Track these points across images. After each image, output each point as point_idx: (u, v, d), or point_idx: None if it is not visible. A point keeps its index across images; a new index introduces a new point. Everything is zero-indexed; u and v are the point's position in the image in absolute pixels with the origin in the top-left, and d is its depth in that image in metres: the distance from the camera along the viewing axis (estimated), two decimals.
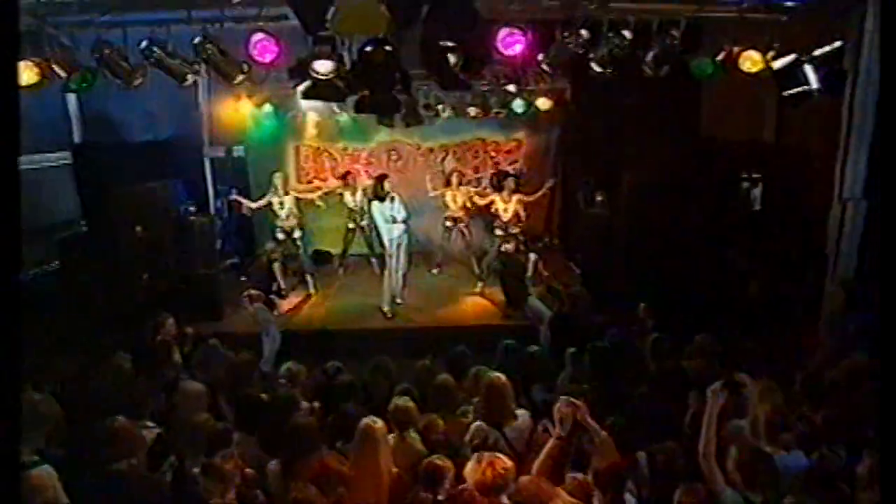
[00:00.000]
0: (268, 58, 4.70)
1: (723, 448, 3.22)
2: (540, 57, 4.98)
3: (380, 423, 3.53)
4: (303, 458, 3.41)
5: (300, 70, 4.74)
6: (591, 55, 4.96)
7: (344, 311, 8.62)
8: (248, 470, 3.49)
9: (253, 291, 7.10)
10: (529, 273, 8.61)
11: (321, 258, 10.72)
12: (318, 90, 4.82)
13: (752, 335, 5.68)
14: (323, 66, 4.69)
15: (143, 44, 4.79)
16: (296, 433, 3.51)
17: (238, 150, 10.72)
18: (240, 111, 10.21)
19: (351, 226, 9.91)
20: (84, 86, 4.77)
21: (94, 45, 4.77)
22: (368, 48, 4.54)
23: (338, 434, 3.77)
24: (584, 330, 5.95)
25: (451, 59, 4.86)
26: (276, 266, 7.12)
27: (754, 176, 8.14)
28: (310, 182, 11.24)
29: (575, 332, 6.01)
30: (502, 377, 3.93)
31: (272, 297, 7.21)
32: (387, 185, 8.15)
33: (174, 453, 3.79)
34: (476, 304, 8.84)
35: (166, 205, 7.83)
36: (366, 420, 3.50)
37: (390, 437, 3.69)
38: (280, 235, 8.99)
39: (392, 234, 8.24)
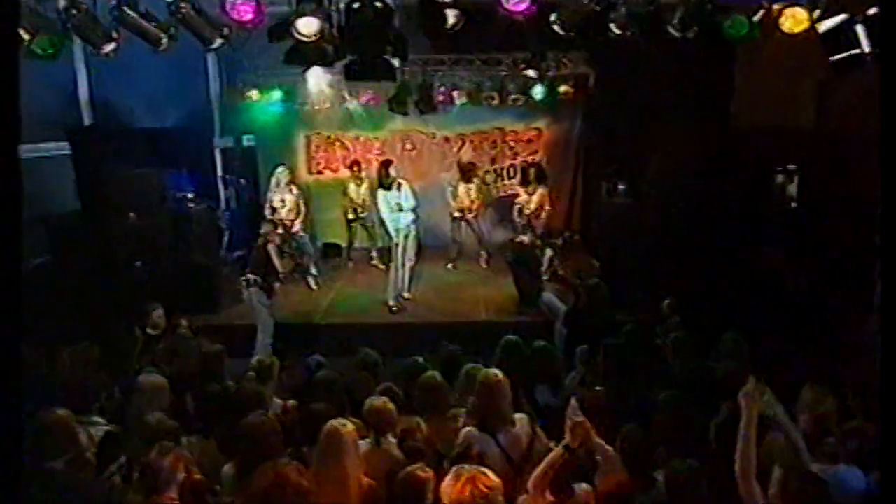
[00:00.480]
0: (246, 17, 4.22)
1: (762, 467, 2.63)
2: (552, 17, 4.42)
3: (349, 427, 3.01)
4: (258, 462, 2.90)
5: (281, 30, 4.26)
6: (610, 15, 4.39)
7: (347, 305, 8.18)
8: (196, 476, 3.00)
9: (251, 275, 6.70)
10: (545, 267, 8.03)
11: (331, 251, 10.38)
12: (302, 53, 4.34)
13: (792, 336, 5.05)
14: (307, 26, 4.21)
15: (113, 2, 4.35)
16: (249, 434, 3.02)
17: (248, 140, 10.39)
18: (250, 100, 9.87)
19: (350, 216, 9.51)
20: (50, 51, 4.33)
21: (62, 6, 4.34)
22: (356, 5, 4.07)
23: (305, 436, 3.26)
24: (601, 327, 5.35)
25: (450, 17, 4.36)
26: (272, 248, 6.65)
27: (790, 167, 7.49)
28: (320, 173, 10.90)
29: (592, 328, 5.41)
30: (498, 374, 3.38)
31: (270, 281, 6.77)
32: (392, 171, 7.64)
33: (126, 453, 3.36)
34: (489, 299, 8.31)
35: (160, 192, 7.41)
36: (332, 422, 2.98)
37: (364, 442, 3.17)
38: (280, 230, 8.59)
39: (399, 223, 7.70)
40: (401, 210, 7.64)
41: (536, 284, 7.18)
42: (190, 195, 7.89)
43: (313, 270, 8.95)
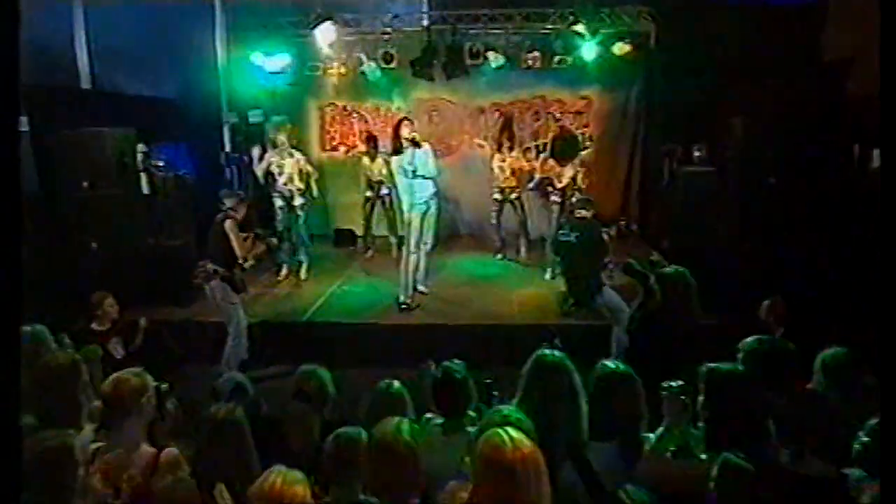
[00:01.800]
0: None
1: None
2: None
3: None
4: None
5: None
6: None
7: (347, 301, 6.94)
8: None
9: (209, 265, 5.34)
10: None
11: (343, 238, 9.31)
12: None
13: None
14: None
15: None
16: None
17: (255, 116, 9.14)
18: (256, 70, 8.91)
19: (368, 194, 8.34)
20: None
21: None
22: None
23: None
24: (682, 336, 3.78)
25: None
26: (229, 226, 5.27)
27: None
28: (335, 149, 9.82)
29: (667, 337, 3.85)
30: (403, 436, 1.98)
31: (238, 273, 5.41)
32: (405, 131, 6.25)
33: None
34: (525, 296, 6.97)
35: (119, 157, 6.13)
36: None
37: None
38: (279, 202, 7.47)
39: (413, 194, 6.27)
40: (415, 175, 6.20)
41: (595, 276, 5.59)
42: (160, 163, 6.61)
43: (302, 257, 7.70)
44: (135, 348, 5.06)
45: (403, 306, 6.48)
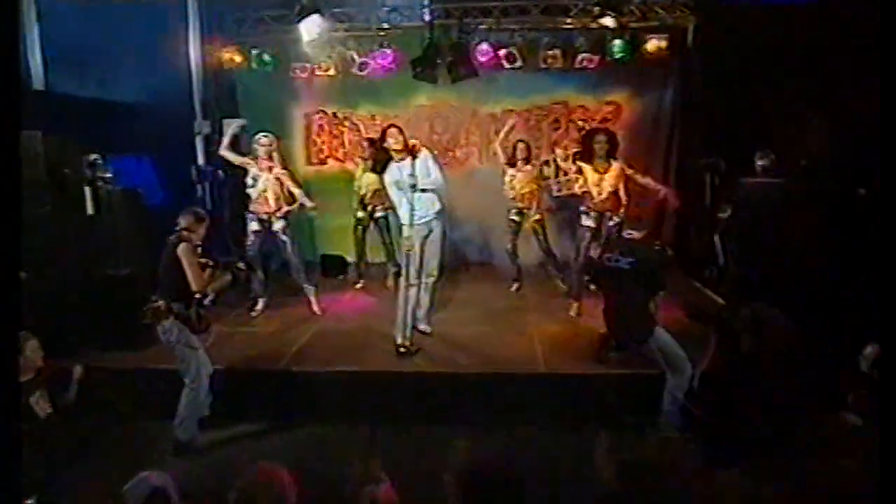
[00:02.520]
0: None
1: None
2: None
3: None
4: None
5: None
6: None
7: (333, 343, 5.92)
8: None
9: (160, 302, 4.37)
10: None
11: (332, 266, 8.35)
12: None
13: None
14: None
15: None
16: None
17: (231, 125, 8.39)
18: (232, 66, 8.23)
19: (360, 215, 7.43)
20: None
21: None
22: None
23: None
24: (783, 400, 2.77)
25: None
26: (183, 251, 4.29)
27: None
28: (322, 162, 8.95)
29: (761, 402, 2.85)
30: None
31: (196, 309, 4.45)
32: (391, 141, 5.37)
33: None
34: (559, 338, 5.94)
35: (57, 168, 5.13)
36: None
37: None
38: (254, 226, 6.53)
39: (412, 212, 5.36)
40: (412, 188, 5.31)
41: (647, 314, 4.58)
42: (108, 174, 5.60)
43: (256, 286, 6.68)
44: (66, 404, 4.30)
45: (402, 350, 5.46)
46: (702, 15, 7.69)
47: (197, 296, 4.49)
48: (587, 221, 6.32)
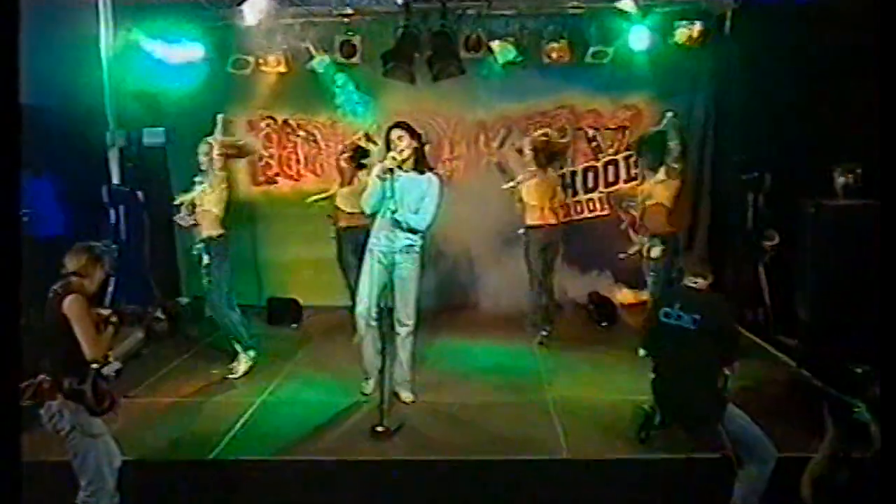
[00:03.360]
0: None
1: None
2: None
3: None
4: None
5: None
6: None
7: (286, 418, 5.31)
8: None
9: (41, 376, 3.72)
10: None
11: (281, 312, 7.84)
12: None
13: None
14: None
15: None
16: None
17: (152, 136, 8.06)
18: (155, 66, 7.69)
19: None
20: None
21: None
22: None
23: None
24: None
25: None
26: (71, 305, 3.65)
27: None
28: (271, 181, 8.50)
29: None
30: None
31: (94, 383, 3.82)
32: (393, 147, 5.10)
33: None
34: (573, 408, 5.35)
35: None
36: None
37: None
38: (206, 258, 6.00)
39: (389, 242, 5.15)
40: (393, 216, 5.03)
41: (714, 388, 4.01)
42: None
43: (238, 348, 6.08)
44: None
45: (379, 430, 4.82)
46: None
47: (94, 365, 3.84)
48: (654, 252, 6.01)
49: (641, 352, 4.95)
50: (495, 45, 7.42)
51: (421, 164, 5.19)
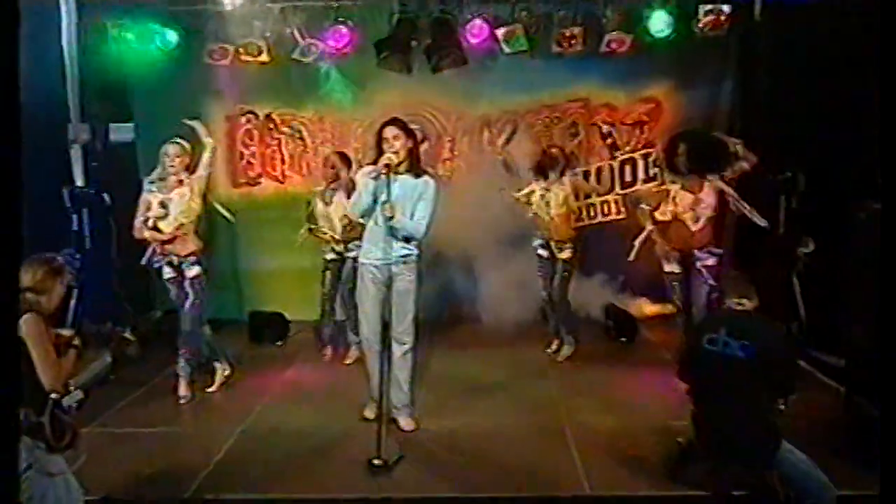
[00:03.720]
0: None
1: None
2: None
3: None
4: None
5: None
6: None
7: (272, 449, 5.18)
8: None
9: None
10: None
11: (264, 327, 7.74)
12: None
13: None
14: None
15: None
16: None
17: (121, 131, 8.21)
18: (124, 55, 7.65)
19: (331, 256, 6.83)
20: None
21: None
22: None
23: None
24: None
25: None
26: (27, 325, 3.50)
27: None
28: (253, 183, 8.40)
29: None
30: None
31: (53, 415, 3.68)
32: (388, 147, 5.00)
33: None
34: (593, 438, 5.14)
35: None
36: None
37: None
38: (166, 270, 5.98)
39: (385, 250, 5.02)
40: (390, 221, 4.91)
41: (766, 424, 3.85)
42: None
43: (216, 364, 5.93)
44: None
45: (376, 463, 4.61)
46: None
47: (54, 395, 3.65)
48: (703, 273, 5.84)
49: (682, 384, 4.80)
50: (501, 32, 7.31)
51: (416, 165, 4.98)
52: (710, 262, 5.86)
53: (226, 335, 7.45)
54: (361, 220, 5.25)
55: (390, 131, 4.96)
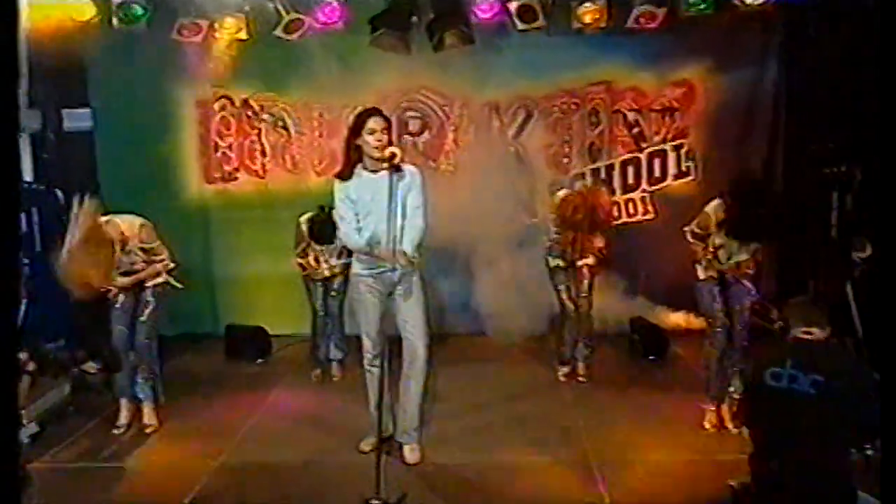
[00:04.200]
0: None
1: None
2: None
3: None
4: None
5: None
6: None
7: (253, 489, 5.09)
8: None
9: None
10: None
11: (243, 343, 7.66)
12: None
13: None
14: None
15: None
16: None
17: (76, 120, 8.24)
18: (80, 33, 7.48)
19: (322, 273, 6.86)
20: None
21: None
22: None
23: None
24: None
25: None
26: None
27: None
28: (229, 178, 8.35)
29: None
30: None
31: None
32: (373, 138, 4.84)
33: None
34: (622, 476, 4.97)
35: None
36: None
37: None
38: (122, 279, 5.91)
39: (370, 267, 5.06)
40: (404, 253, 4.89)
41: (840, 472, 3.71)
42: None
43: (142, 393, 5.85)
44: None
45: (374, 503, 4.57)
46: None
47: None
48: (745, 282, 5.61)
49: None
50: (513, 6, 7.12)
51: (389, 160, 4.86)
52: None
53: (200, 352, 7.38)
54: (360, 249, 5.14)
55: (378, 122, 4.81)
